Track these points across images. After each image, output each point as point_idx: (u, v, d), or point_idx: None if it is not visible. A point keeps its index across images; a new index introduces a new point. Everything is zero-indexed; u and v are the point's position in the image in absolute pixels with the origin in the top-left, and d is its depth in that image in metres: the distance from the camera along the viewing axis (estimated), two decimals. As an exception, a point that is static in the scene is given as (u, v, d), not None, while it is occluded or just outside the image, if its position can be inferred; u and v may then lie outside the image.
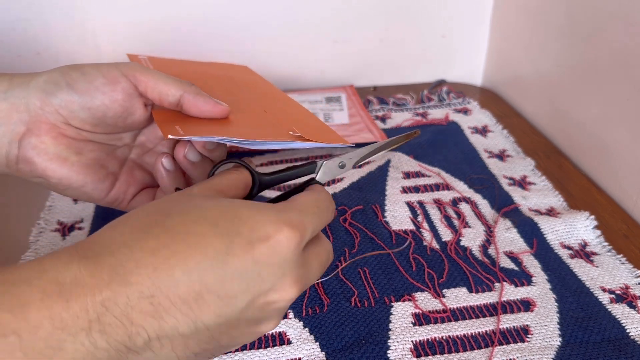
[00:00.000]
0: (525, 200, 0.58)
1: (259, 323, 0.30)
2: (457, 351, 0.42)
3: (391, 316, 0.45)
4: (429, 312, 0.45)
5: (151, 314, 0.26)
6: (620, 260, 0.51)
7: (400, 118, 0.75)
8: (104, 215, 0.57)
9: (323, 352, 0.42)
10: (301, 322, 0.44)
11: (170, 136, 0.35)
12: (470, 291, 0.47)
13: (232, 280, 0.28)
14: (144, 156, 0.45)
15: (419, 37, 0.84)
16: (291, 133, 0.41)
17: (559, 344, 0.43)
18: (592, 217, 0.54)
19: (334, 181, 0.61)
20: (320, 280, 0.48)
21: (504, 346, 0.42)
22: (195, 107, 0.39)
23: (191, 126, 0.38)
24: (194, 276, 0.27)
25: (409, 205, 0.58)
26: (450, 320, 0.45)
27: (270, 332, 0.44)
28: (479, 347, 0.42)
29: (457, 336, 0.43)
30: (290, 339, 0.43)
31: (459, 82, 0.87)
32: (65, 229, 0.55)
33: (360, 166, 0.63)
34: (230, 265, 0.28)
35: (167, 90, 0.39)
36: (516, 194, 0.59)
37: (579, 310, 0.45)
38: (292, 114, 0.48)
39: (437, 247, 0.52)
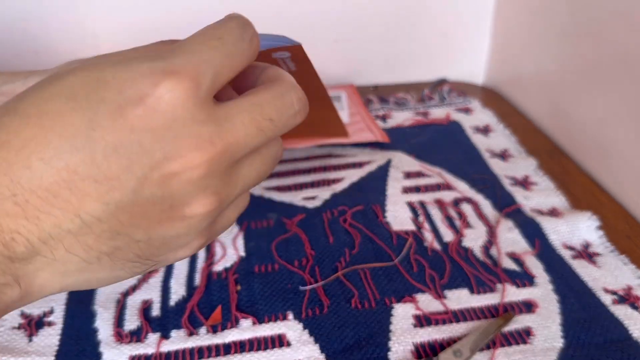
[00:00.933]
0: (527, 201, 0.58)
1: (175, 205, 0.24)
2: (459, 353, 0.42)
3: (392, 317, 0.44)
4: (430, 313, 0.45)
5: (21, 215, 0.22)
6: (623, 261, 0.50)
7: (401, 117, 0.74)
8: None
9: (323, 354, 0.42)
10: (301, 324, 0.44)
11: None
12: (472, 292, 0.47)
13: (106, 159, 0.23)
14: None
15: (420, 36, 0.83)
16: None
17: (562, 345, 0.42)
18: (595, 217, 0.54)
19: (334, 181, 0.60)
20: (320, 283, 0.48)
21: (506, 348, 0.42)
22: None
23: None
24: (56, 163, 0.22)
25: (410, 205, 0.57)
26: (451, 322, 0.44)
27: (270, 334, 0.43)
28: (481, 349, 0.42)
29: (458, 338, 0.43)
30: (290, 341, 0.43)
31: (461, 81, 0.87)
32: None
33: (360, 166, 0.63)
34: (97, 142, 0.22)
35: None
36: (518, 194, 0.59)
37: (582, 311, 0.45)
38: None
39: (439, 247, 0.52)
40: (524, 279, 0.48)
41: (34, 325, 0.44)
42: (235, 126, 0.24)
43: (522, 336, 0.43)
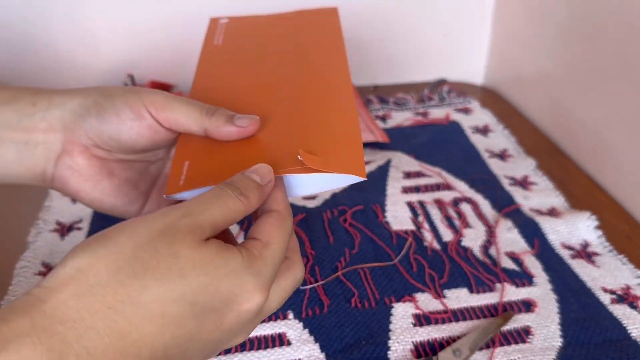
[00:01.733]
0: (526, 201, 0.58)
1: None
2: (458, 352, 0.42)
3: (391, 317, 0.45)
4: (430, 312, 0.45)
5: None
6: (621, 261, 0.50)
7: (400, 117, 0.75)
8: (103, 216, 0.56)
9: (323, 353, 0.42)
10: (301, 323, 0.44)
11: (165, 196, 0.37)
12: (471, 292, 0.47)
13: (192, 349, 0.29)
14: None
15: (419, 36, 0.84)
16: (299, 157, 0.35)
17: (561, 344, 0.42)
18: (594, 217, 0.54)
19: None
20: (321, 283, 0.48)
21: (505, 347, 0.42)
22: (220, 137, 0.38)
23: (199, 166, 0.38)
24: (158, 353, 0.28)
25: (410, 205, 0.57)
26: (451, 321, 0.44)
27: (270, 333, 0.43)
28: (480, 348, 0.42)
29: (458, 337, 0.43)
30: (290, 340, 0.43)
31: (460, 81, 0.87)
32: (64, 229, 0.54)
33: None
34: (196, 341, 0.29)
35: (189, 126, 0.38)
36: (517, 194, 0.59)
37: (581, 311, 0.45)
38: (321, 118, 0.40)
39: (438, 247, 0.52)
40: (523, 278, 0.48)
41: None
42: (271, 306, 0.32)
43: (521, 335, 0.43)
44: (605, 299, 0.46)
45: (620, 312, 0.45)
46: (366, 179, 0.35)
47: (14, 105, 0.38)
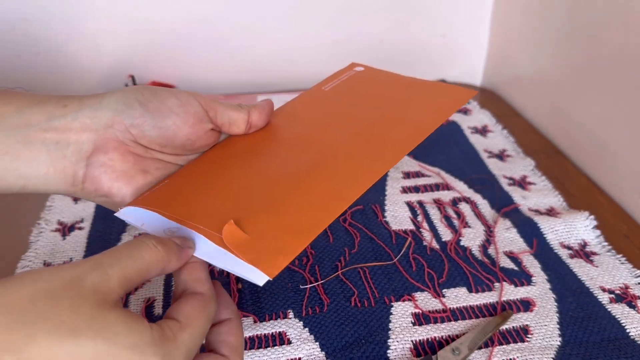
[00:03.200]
0: (525, 200, 0.58)
1: None
2: (457, 351, 0.42)
3: (391, 316, 0.45)
4: (429, 312, 0.45)
5: None
6: (620, 260, 0.51)
7: (400, 118, 0.75)
8: (104, 216, 0.57)
9: (323, 352, 0.42)
10: (301, 322, 0.44)
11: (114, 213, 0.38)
12: (470, 291, 0.47)
13: None
14: None
15: (418, 37, 0.84)
16: (226, 226, 0.33)
17: (559, 343, 0.43)
18: (592, 217, 0.55)
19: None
20: (321, 282, 0.48)
21: (504, 346, 0.42)
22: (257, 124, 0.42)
23: (170, 192, 0.38)
24: None
25: (409, 205, 0.58)
26: (450, 320, 0.45)
27: (270, 332, 0.44)
28: (479, 347, 0.42)
29: (457, 336, 0.43)
30: (290, 339, 0.43)
31: (459, 81, 0.87)
32: (66, 229, 0.55)
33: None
34: None
35: (236, 116, 0.40)
36: (516, 193, 0.59)
37: (579, 310, 0.46)
38: (303, 198, 0.37)
39: (437, 247, 0.52)
40: (521, 277, 0.49)
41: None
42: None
43: (520, 334, 0.43)
44: (604, 298, 0.47)
45: (619, 311, 0.45)
46: (270, 278, 0.31)
47: (43, 107, 0.37)
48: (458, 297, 0.47)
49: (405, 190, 0.60)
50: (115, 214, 0.37)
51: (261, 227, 0.34)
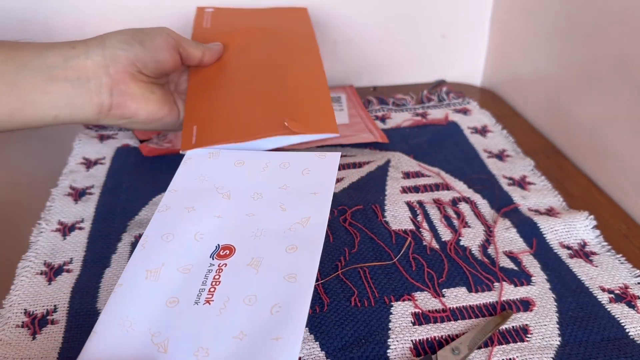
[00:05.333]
0: (524, 200, 0.58)
1: None
2: (457, 351, 0.42)
3: (391, 316, 0.45)
4: (429, 311, 0.45)
5: None
6: (619, 260, 0.51)
7: (400, 118, 0.75)
8: (105, 216, 0.57)
9: (323, 352, 0.42)
10: (301, 322, 0.44)
11: (181, 152, 0.51)
12: (470, 291, 0.47)
13: None
14: (182, 86, 0.60)
15: (418, 37, 0.84)
16: (286, 124, 0.48)
17: (559, 343, 0.43)
18: (592, 217, 0.55)
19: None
20: (321, 281, 0.48)
21: (504, 346, 0.42)
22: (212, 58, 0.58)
23: (206, 130, 0.52)
24: None
25: (409, 205, 0.58)
26: (449, 320, 0.45)
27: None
28: (479, 347, 0.42)
29: (456, 335, 0.43)
30: (290, 339, 0.43)
31: (459, 82, 0.87)
32: (66, 229, 0.55)
33: (360, 166, 0.64)
34: None
35: (193, 53, 0.56)
36: (516, 193, 0.60)
37: (578, 309, 0.46)
38: (300, 90, 0.55)
39: (437, 247, 0.52)
40: (521, 277, 0.49)
41: (37, 323, 0.45)
42: None
43: (520, 334, 0.43)
44: (603, 298, 0.47)
45: (618, 311, 0.46)
46: (338, 134, 0.49)
47: (57, 51, 0.47)
48: (458, 296, 0.47)
49: (405, 190, 0.60)
50: (180, 151, 0.51)
51: (298, 117, 0.51)
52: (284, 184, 0.47)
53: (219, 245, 0.43)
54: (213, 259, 0.41)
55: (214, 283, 0.39)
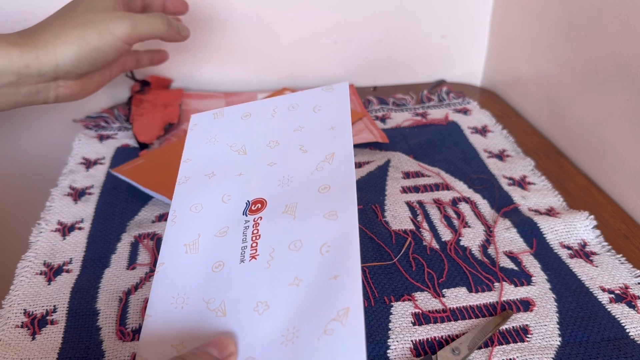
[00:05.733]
0: (524, 200, 0.58)
1: None
2: (457, 351, 0.42)
3: (391, 316, 0.45)
4: (429, 311, 0.45)
5: None
6: (619, 260, 0.51)
7: (400, 118, 0.75)
8: (104, 216, 0.57)
9: (323, 352, 0.42)
10: (301, 322, 0.44)
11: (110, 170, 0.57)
12: (470, 291, 0.47)
13: None
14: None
15: (418, 37, 0.84)
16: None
17: (559, 343, 0.43)
18: (592, 217, 0.55)
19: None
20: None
21: (504, 346, 0.42)
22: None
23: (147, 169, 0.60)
24: None
25: (409, 205, 0.58)
26: (450, 320, 0.45)
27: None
28: (479, 347, 0.42)
29: (456, 336, 0.43)
30: (290, 339, 0.43)
31: (459, 82, 0.87)
32: (65, 229, 0.55)
33: (360, 166, 0.64)
34: None
35: (152, 33, 0.58)
36: (516, 193, 0.60)
37: (579, 310, 0.46)
38: None
39: (437, 247, 0.52)
40: (521, 277, 0.49)
41: (36, 323, 0.45)
42: None
43: (520, 334, 0.43)
44: (604, 298, 0.47)
45: (619, 311, 0.46)
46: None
47: (8, 66, 0.50)
48: (458, 297, 0.47)
49: (405, 190, 0.60)
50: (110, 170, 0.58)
51: None
52: (298, 125, 0.45)
53: (248, 201, 0.41)
54: (247, 216, 0.40)
55: (254, 238, 0.38)
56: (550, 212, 0.56)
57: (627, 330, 0.44)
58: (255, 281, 0.36)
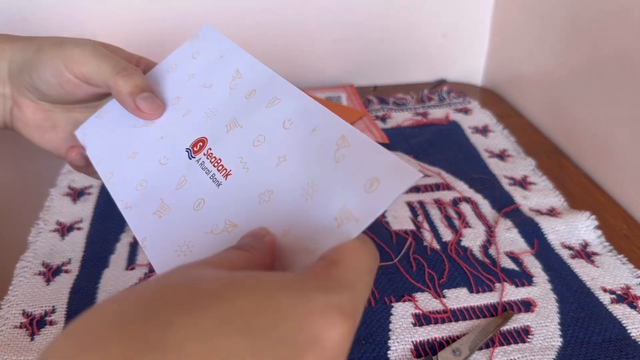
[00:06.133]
0: (526, 200, 0.58)
1: None
2: (458, 352, 0.42)
3: (391, 316, 0.45)
4: (430, 312, 0.45)
5: None
6: (621, 261, 0.50)
7: (400, 118, 0.75)
8: (103, 216, 0.56)
9: (323, 353, 0.42)
10: (301, 323, 0.44)
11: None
12: (471, 291, 0.47)
13: None
14: None
15: (419, 37, 0.84)
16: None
17: (560, 344, 0.42)
18: (593, 217, 0.54)
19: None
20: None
21: (505, 347, 0.42)
22: (120, 103, 0.40)
23: None
24: None
25: (410, 205, 0.57)
26: (450, 321, 0.44)
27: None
28: (480, 348, 0.42)
29: (457, 336, 0.43)
30: (290, 340, 0.43)
31: (460, 81, 0.87)
32: (64, 229, 0.55)
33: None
34: None
35: (100, 83, 0.40)
36: (517, 194, 0.59)
37: (580, 310, 0.45)
38: None
39: (438, 247, 0.52)
40: (522, 278, 0.48)
41: (35, 324, 0.44)
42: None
43: (521, 335, 0.43)
44: (605, 298, 0.47)
45: (620, 311, 0.45)
46: None
47: None
48: (459, 297, 0.47)
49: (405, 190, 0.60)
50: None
51: None
52: (189, 74, 0.45)
53: (188, 148, 0.41)
54: (195, 157, 0.40)
55: (216, 164, 0.38)
56: (552, 212, 0.56)
57: (629, 331, 0.44)
58: (243, 188, 0.36)
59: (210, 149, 0.40)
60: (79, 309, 0.46)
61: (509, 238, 0.53)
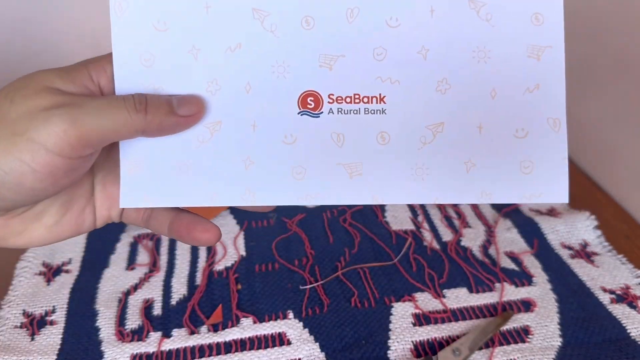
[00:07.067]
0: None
1: None
2: (458, 352, 0.42)
3: (391, 316, 0.45)
4: (429, 312, 0.45)
5: None
6: (620, 261, 0.50)
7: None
8: (104, 216, 0.56)
9: (323, 353, 0.42)
10: (301, 323, 0.44)
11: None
12: (471, 291, 0.47)
13: None
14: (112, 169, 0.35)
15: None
16: None
17: (560, 344, 0.43)
18: (593, 217, 0.54)
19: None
20: (320, 282, 0.48)
21: (505, 346, 0.42)
22: (163, 133, 0.32)
23: None
24: None
25: (409, 205, 0.57)
26: (450, 321, 0.45)
27: (270, 333, 0.44)
28: (480, 348, 0.42)
29: (457, 336, 0.43)
30: (290, 340, 0.43)
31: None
32: (65, 229, 0.55)
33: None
34: None
35: (119, 137, 0.31)
36: (517, 194, 0.59)
37: (580, 310, 0.45)
38: None
39: (438, 247, 0.52)
40: (522, 278, 0.48)
41: (35, 324, 0.44)
42: None
43: (521, 335, 0.43)
44: (605, 298, 0.47)
45: (620, 311, 0.45)
46: None
47: None
48: (458, 297, 0.47)
49: (406, 190, 0.60)
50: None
51: None
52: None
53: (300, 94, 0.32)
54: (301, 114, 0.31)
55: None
56: (551, 213, 0.56)
57: (629, 331, 0.44)
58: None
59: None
60: (79, 309, 0.46)
61: (509, 238, 0.53)
